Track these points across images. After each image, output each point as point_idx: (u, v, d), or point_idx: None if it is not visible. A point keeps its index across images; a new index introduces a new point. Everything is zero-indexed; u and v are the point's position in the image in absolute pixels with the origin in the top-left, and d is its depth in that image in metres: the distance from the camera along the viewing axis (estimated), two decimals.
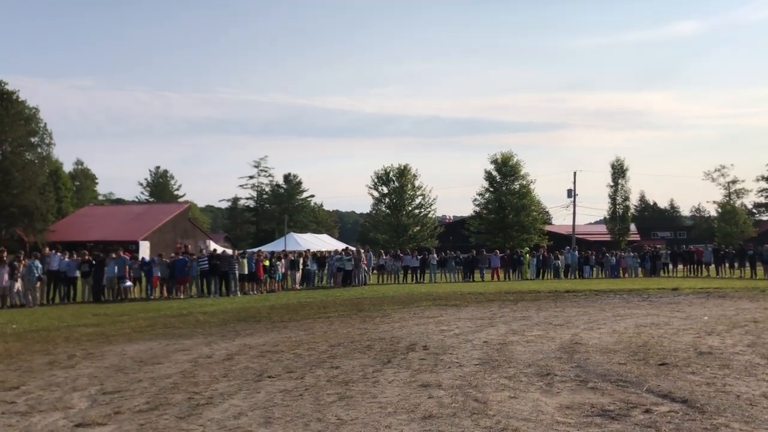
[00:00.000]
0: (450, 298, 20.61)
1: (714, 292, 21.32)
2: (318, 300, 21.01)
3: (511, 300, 19.61)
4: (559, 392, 7.12)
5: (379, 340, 11.45)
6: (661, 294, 21.12)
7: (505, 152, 50.25)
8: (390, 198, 50.11)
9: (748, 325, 12.56)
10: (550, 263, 33.90)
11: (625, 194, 57.98)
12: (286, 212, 76.57)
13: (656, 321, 13.67)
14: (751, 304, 17.11)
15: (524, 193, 49.53)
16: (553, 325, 13.20)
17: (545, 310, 16.54)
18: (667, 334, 11.64)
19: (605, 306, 17.37)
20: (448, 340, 11.20)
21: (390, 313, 16.32)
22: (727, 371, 8.02)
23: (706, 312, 15.36)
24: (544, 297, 20.71)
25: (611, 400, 6.66)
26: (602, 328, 12.69)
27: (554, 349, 10.05)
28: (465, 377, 8.01)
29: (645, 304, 17.90)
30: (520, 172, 50.01)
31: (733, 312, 15.22)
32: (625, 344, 10.42)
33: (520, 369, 8.47)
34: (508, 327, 13.03)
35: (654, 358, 9.06)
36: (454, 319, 14.66)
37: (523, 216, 48.42)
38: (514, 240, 46.35)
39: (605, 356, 9.30)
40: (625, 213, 58.27)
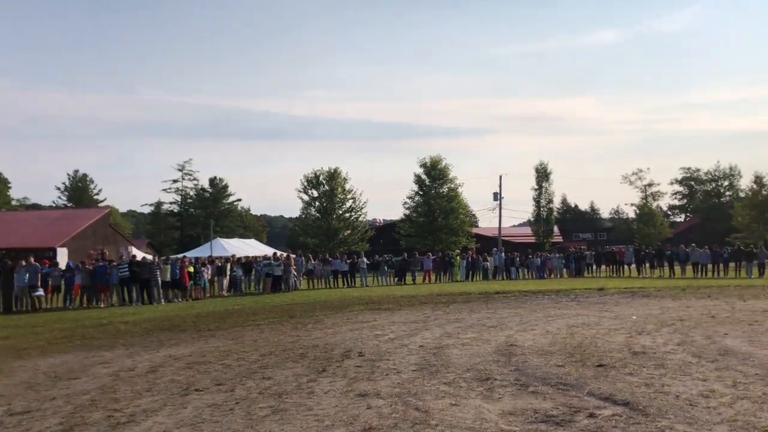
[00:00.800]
0: (383, 301, 20.38)
1: (638, 292, 21.91)
2: (246, 307, 20.37)
3: (444, 302, 19.55)
4: (500, 398, 6.93)
5: (312, 347, 11.06)
6: (587, 294, 21.53)
7: (434, 156, 50.69)
8: (320, 201, 49.58)
9: (675, 324, 12.84)
10: (479, 265, 34.22)
11: (548, 197, 59.54)
12: (211, 217, 74.69)
13: (587, 321, 13.82)
14: (674, 303, 17.62)
15: (452, 196, 49.98)
16: (486, 327, 13.13)
17: (477, 311, 16.52)
18: (599, 334, 11.74)
19: (536, 307, 17.51)
20: (383, 346, 10.92)
21: (322, 318, 15.92)
22: (662, 371, 8.05)
23: (633, 311, 15.67)
24: (475, 298, 20.76)
25: (554, 405, 6.52)
26: (535, 329, 12.71)
27: (491, 352, 9.93)
28: (403, 384, 7.74)
29: (573, 304, 18.16)
30: (448, 175, 50.46)
31: (659, 311, 15.59)
32: (560, 345, 10.40)
33: (458, 374, 8.26)
34: (443, 330, 12.87)
35: (591, 359, 9.04)
36: (388, 323, 14.41)
37: (451, 219, 48.84)
38: (444, 242, 46.65)
39: (542, 358, 9.22)
40: (549, 215, 59.76)
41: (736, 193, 74.35)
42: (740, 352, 9.25)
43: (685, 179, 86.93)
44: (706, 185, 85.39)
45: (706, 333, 11.37)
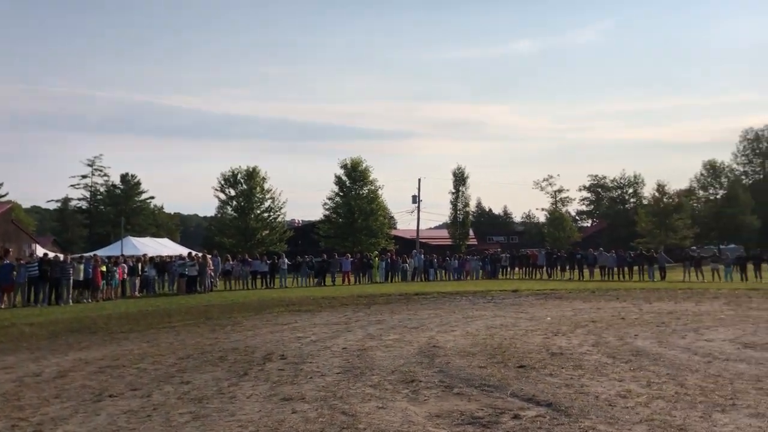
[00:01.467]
0: (303, 303, 20.15)
1: (551, 294, 22.60)
2: (161, 308, 19.67)
3: (364, 304, 19.54)
4: (426, 400, 6.95)
5: (232, 350, 10.77)
6: (503, 295, 22.04)
7: (355, 157, 50.66)
8: (237, 201, 48.57)
9: (588, 325, 13.29)
10: (398, 266, 34.46)
11: (465, 201, 60.60)
12: (122, 215, 71.87)
13: (504, 322, 14.12)
14: (585, 305, 18.26)
15: (373, 198, 50.10)
16: (408, 329, 13.19)
17: (398, 313, 16.58)
18: (517, 335, 12.00)
19: (454, 308, 17.76)
20: (305, 348, 10.76)
21: (241, 320, 15.56)
22: (581, 372, 8.29)
23: (547, 313, 16.14)
24: (395, 300, 20.85)
25: (479, 406, 6.59)
26: (456, 330, 12.86)
27: (414, 354, 9.96)
28: (328, 387, 7.64)
29: (490, 305, 18.54)
30: (368, 177, 50.53)
31: (571, 312, 16.12)
32: (481, 346, 10.56)
33: (383, 376, 8.24)
34: (365, 331, 12.84)
35: (511, 360, 9.21)
36: (310, 325, 14.24)
37: (371, 220, 48.95)
38: (363, 244, 46.68)
39: (465, 360, 9.33)
40: (466, 218, 60.86)
41: (640, 200, 78.00)
42: (651, 353, 9.66)
43: (593, 186, 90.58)
44: (612, 192, 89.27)
45: (617, 334, 11.82)
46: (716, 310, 16.24)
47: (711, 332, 11.94)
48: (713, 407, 6.32)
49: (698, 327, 12.72)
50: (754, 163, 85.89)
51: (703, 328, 12.61)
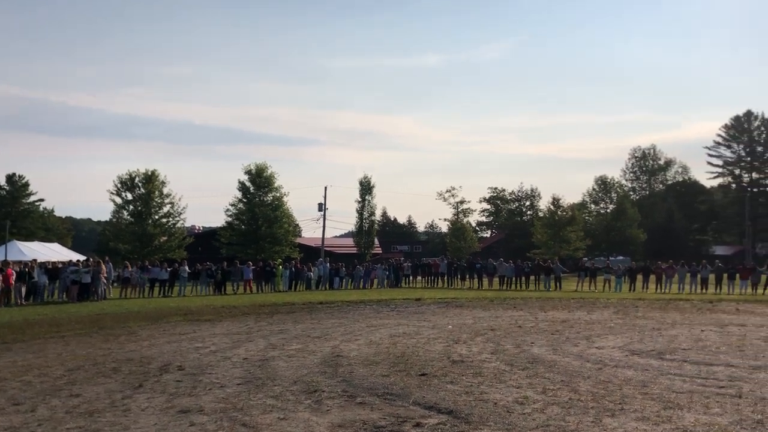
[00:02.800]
0: (203, 312, 19.58)
1: (452, 302, 23.05)
2: (50, 317, 18.57)
3: (267, 313, 19.22)
4: (329, 410, 6.89)
5: (126, 361, 10.31)
6: (406, 304, 22.28)
7: (260, 163, 49.88)
8: (134, 205, 46.64)
9: (487, 333, 13.64)
10: (302, 275, 34.16)
11: (371, 210, 60.95)
12: (8, 217, 67.53)
13: (407, 331, 14.27)
14: (485, 313, 18.76)
15: (277, 205, 49.49)
16: (311, 338, 13.08)
17: (302, 322, 16.42)
18: (420, 343, 12.16)
19: (358, 317, 17.78)
20: (205, 359, 10.46)
21: (137, 330, 14.93)
22: (480, 379, 8.48)
23: (448, 321, 16.45)
24: (299, 309, 20.65)
25: (381, 415, 6.61)
26: (359, 339, 12.88)
27: (317, 363, 9.89)
28: (228, 399, 7.44)
29: (394, 314, 18.70)
30: (274, 184, 49.86)
31: (472, 321, 16.51)
32: (384, 355, 10.61)
33: (285, 387, 8.12)
34: (267, 341, 12.62)
35: (414, 368, 9.31)
36: (209, 335, 13.85)
37: (275, 228, 48.30)
38: (267, 252, 45.97)
39: (368, 368, 9.34)
40: (371, 227, 61.22)
41: (536, 213, 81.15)
42: (546, 360, 10.03)
43: (493, 198, 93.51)
44: (511, 204, 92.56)
45: (515, 342, 12.20)
46: (606, 318, 17.07)
47: (602, 340, 12.54)
48: (603, 412, 6.62)
49: (590, 335, 13.33)
50: (641, 180, 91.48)
51: (595, 336, 13.22)
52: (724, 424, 6.08)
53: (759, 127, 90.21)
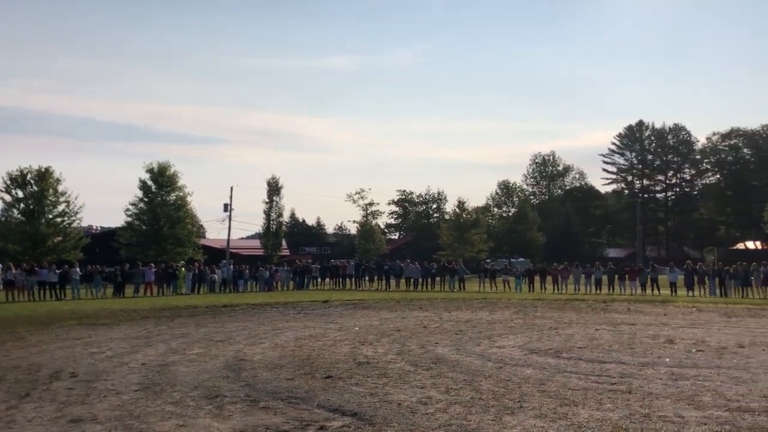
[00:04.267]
0: (99, 316, 18.70)
1: (359, 304, 23.13)
2: None
3: (168, 316, 18.60)
4: (231, 415, 6.73)
5: (12, 368, 9.68)
6: (313, 306, 22.16)
7: (163, 162, 48.21)
8: (26, 204, 43.99)
9: (393, 334, 13.75)
10: (206, 277, 33.31)
11: (279, 211, 60.27)
12: None
13: (314, 333, 14.17)
14: (392, 314, 18.92)
15: (180, 205, 48.00)
16: (214, 342, 12.76)
17: (204, 325, 15.99)
18: (326, 345, 12.10)
19: (264, 320, 17.51)
20: (100, 365, 9.98)
21: (25, 335, 14.06)
22: (385, 380, 8.53)
23: (355, 323, 16.48)
24: (201, 312, 20.11)
25: (285, 419, 6.51)
26: (264, 342, 12.68)
27: (219, 368, 9.64)
28: (124, 406, 7.13)
29: (300, 316, 18.55)
30: (177, 183, 48.28)
31: (378, 322, 16.61)
32: (289, 358, 10.49)
33: (185, 392, 7.86)
34: (168, 346, 12.20)
35: (319, 371, 9.24)
36: (106, 339, 13.24)
37: (178, 228, 46.79)
38: (169, 253, 44.51)
39: (272, 372, 9.20)
40: (279, 229, 60.51)
41: (443, 215, 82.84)
42: (450, 360, 10.21)
43: (401, 200, 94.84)
44: (418, 207, 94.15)
45: (420, 342, 12.35)
46: (507, 318, 17.60)
47: (502, 339, 12.90)
48: (504, 410, 6.79)
49: (491, 335, 13.69)
50: (541, 185, 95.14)
51: (496, 335, 13.60)
52: (615, 419, 6.37)
53: (650, 136, 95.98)
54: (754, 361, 9.93)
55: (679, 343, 12.11)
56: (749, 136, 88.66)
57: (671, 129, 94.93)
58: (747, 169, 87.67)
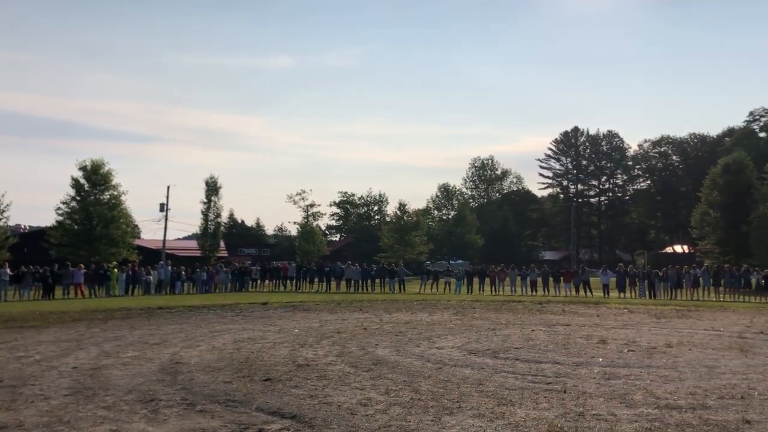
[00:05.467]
0: (27, 318, 17.97)
1: (299, 306, 22.97)
2: None
3: (100, 319, 18.03)
4: (166, 419, 6.58)
5: None
6: (252, 308, 21.89)
7: (96, 159, 46.68)
8: None
9: (333, 336, 13.71)
10: (140, 278, 32.46)
11: (217, 211, 59.17)
12: None
13: (252, 335, 14.00)
14: (332, 316, 18.86)
15: (115, 204, 46.58)
16: (149, 345, 12.45)
17: (139, 328, 15.58)
18: (265, 348, 11.96)
19: (201, 322, 17.19)
20: (27, 369, 9.60)
21: None
22: (325, 382, 8.49)
23: (295, 325, 16.36)
24: (136, 314, 19.58)
25: (222, 423, 6.41)
26: (201, 345, 12.44)
27: (155, 371, 9.41)
28: (53, 412, 6.88)
29: (239, 318, 18.29)
30: (111, 181, 46.80)
31: (318, 324, 16.52)
32: (227, 361, 10.33)
33: (119, 396, 7.64)
34: (100, 349, 11.84)
35: (258, 373, 9.13)
36: (34, 343, 12.73)
37: (112, 228, 45.40)
38: (101, 254, 43.16)
39: (210, 375, 9.04)
40: (217, 229, 59.44)
41: (384, 217, 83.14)
42: (389, 361, 10.25)
43: (342, 202, 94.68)
44: (360, 209, 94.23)
45: (360, 344, 12.36)
46: (446, 319, 17.79)
47: (442, 340, 13.04)
48: (443, 411, 6.86)
49: (431, 336, 13.82)
50: (480, 188, 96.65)
51: (435, 336, 13.73)
52: (550, 418, 6.52)
53: (584, 142, 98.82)
54: (682, 361, 10.34)
55: (611, 344, 12.49)
56: (678, 144, 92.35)
57: (605, 135, 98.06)
58: (675, 175, 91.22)
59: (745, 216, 42.29)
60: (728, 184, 45.34)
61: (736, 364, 9.94)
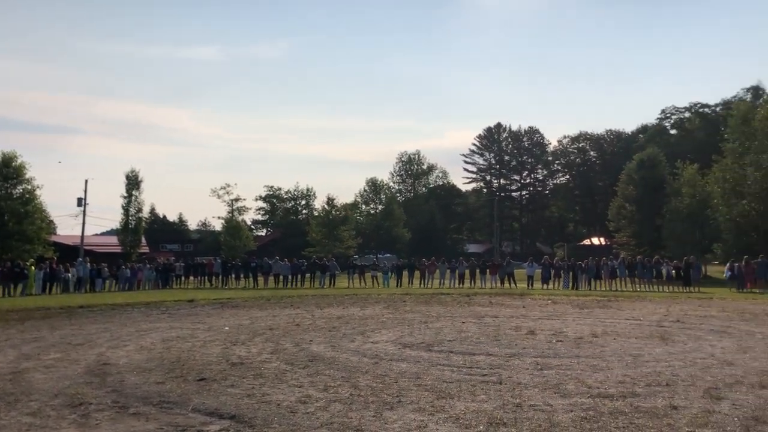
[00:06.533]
0: None
1: (228, 303, 22.55)
2: None
3: (17, 319, 17.15)
4: (98, 423, 6.33)
5: None
6: (179, 306, 21.35)
7: (8, 152, 44.36)
8: None
9: (266, 333, 13.54)
10: (59, 276, 31.09)
11: (138, 206, 57.35)
12: None
13: (181, 334, 13.65)
14: (262, 312, 18.63)
15: (29, 199, 44.39)
16: (73, 345, 11.95)
17: (60, 328, 14.92)
18: (195, 346, 11.69)
19: (126, 321, 16.63)
20: None
21: None
22: (261, 380, 8.36)
23: (225, 322, 16.06)
24: (55, 314, 18.75)
25: (158, 426, 6.22)
26: (128, 345, 12.04)
27: (81, 373, 9.04)
28: None
29: (165, 316, 17.81)
30: (24, 175, 44.56)
31: (249, 321, 16.28)
32: (157, 361, 10.03)
33: (45, 401, 7.30)
34: (19, 351, 11.28)
35: (191, 373, 8.91)
36: None
37: (26, 224, 43.25)
38: (15, 251, 41.06)
39: (140, 376, 8.75)
40: (138, 225, 57.62)
41: (311, 212, 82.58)
42: (326, 357, 10.20)
43: (269, 196, 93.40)
44: (287, 203, 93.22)
45: (294, 340, 12.25)
46: (378, 313, 17.87)
47: (376, 335, 13.09)
48: (383, 406, 6.88)
49: (365, 330, 13.84)
50: (407, 183, 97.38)
51: (369, 331, 13.77)
52: (489, 410, 6.64)
53: (507, 138, 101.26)
54: (608, 350, 10.75)
55: (539, 334, 12.85)
56: (595, 140, 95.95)
57: (526, 131, 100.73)
58: (593, 170, 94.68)
59: (658, 209, 44.33)
60: (643, 179, 47.47)
61: (659, 352, 10.42)
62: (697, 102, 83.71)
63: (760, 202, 35.41)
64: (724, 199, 37.37)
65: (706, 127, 75.98)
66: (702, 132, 74.78)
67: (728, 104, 72.35)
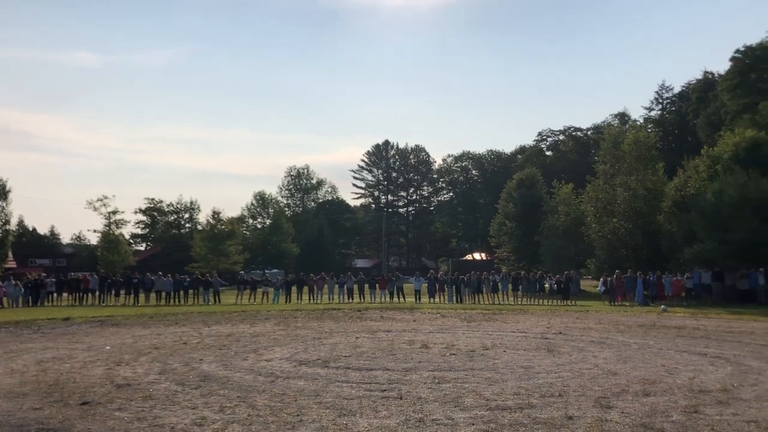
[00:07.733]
0: None
1: (107, 321, 21.34)
2: None
3: None
4: None
5: None
6: (53, 325, 19.94)
7: None
8: None
9: (152, 352, 12.88)
10: None
11: (5, 218, 53.33)
12: None
13: (58, 355, 12.74)
14: (145, 331, 17.74)
15: None
16: None
17: None
18: (75, 368, 10.93)
19: None
20: None
21: None
22: (151, 402, 7.92)
23: (105, 341, 15.16)
24: None
25: None
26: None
27: None
28: None
29: (38, 336, 16.59)
30: None
31: (132, 340, 15.45)
32: (32, 385, 9.28)
33: None
34: None
35: (72, 397, 8.30)
36: None
37: None
38: None
39: (14, 402, 8.06)
40: (5, 238, 53.50)
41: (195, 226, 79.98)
42: (218, 377, 9.82)
43: (149, 209, 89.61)
44: (169, 216, 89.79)
45: (183, 360, 11.72)
46: (269, 330, 17.48)
47: (269, 352, 12.77)
48: (284, 426, 6.69)
49: (257, 348, 13.48)
50: (296, 197, 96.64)
51: (262, 348, 13.42)
52: (393, 426, 6.61)
53: (394, 155, 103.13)
54: (500, 362, 11.05)
55: (433, 348, 13.03)
56: (477, 159, 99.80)
57: (413, 149, 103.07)
58: (475, 188, 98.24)
59: (536, 226, 46.43)
60: (522, 197, 49.62)
61: (548, 364, 10.83)
62: (570, 125, 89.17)
63: (628, 220, 37.91)
64: (597, 217, 39.68)
65: (579, 149, 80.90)
66: (575, 153, 79.51)
67: (598, 128, 77.65)
